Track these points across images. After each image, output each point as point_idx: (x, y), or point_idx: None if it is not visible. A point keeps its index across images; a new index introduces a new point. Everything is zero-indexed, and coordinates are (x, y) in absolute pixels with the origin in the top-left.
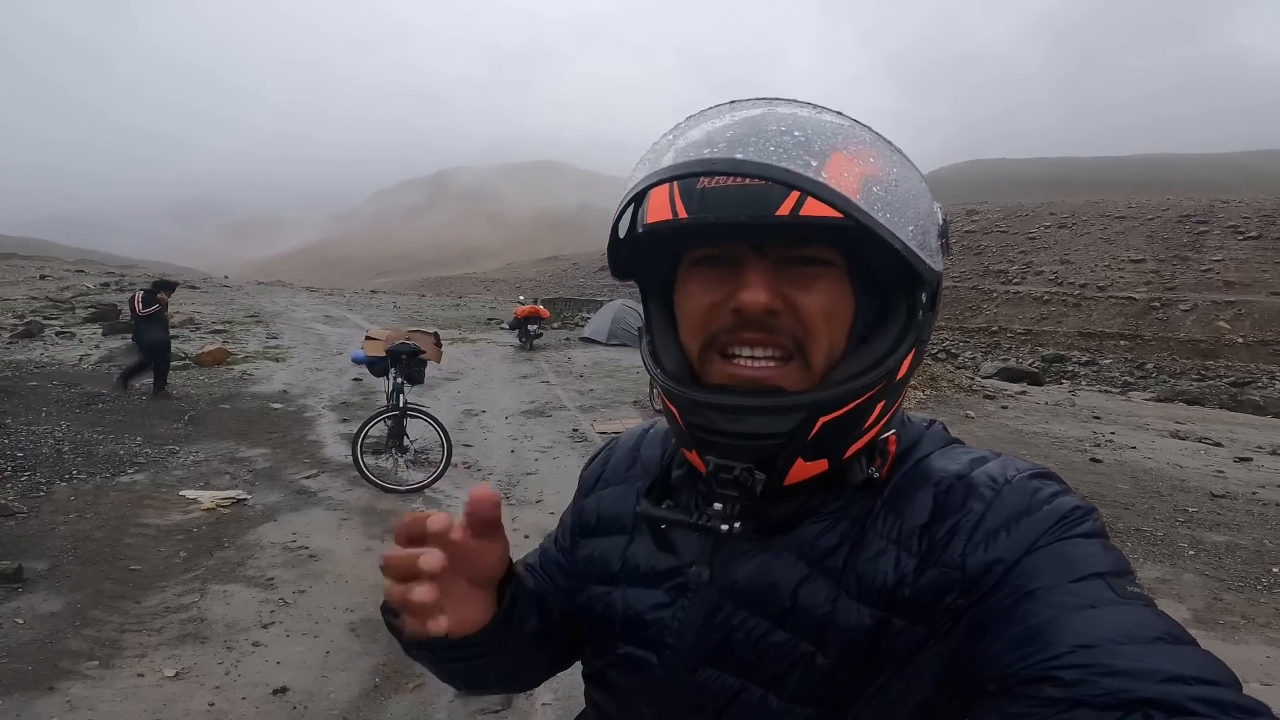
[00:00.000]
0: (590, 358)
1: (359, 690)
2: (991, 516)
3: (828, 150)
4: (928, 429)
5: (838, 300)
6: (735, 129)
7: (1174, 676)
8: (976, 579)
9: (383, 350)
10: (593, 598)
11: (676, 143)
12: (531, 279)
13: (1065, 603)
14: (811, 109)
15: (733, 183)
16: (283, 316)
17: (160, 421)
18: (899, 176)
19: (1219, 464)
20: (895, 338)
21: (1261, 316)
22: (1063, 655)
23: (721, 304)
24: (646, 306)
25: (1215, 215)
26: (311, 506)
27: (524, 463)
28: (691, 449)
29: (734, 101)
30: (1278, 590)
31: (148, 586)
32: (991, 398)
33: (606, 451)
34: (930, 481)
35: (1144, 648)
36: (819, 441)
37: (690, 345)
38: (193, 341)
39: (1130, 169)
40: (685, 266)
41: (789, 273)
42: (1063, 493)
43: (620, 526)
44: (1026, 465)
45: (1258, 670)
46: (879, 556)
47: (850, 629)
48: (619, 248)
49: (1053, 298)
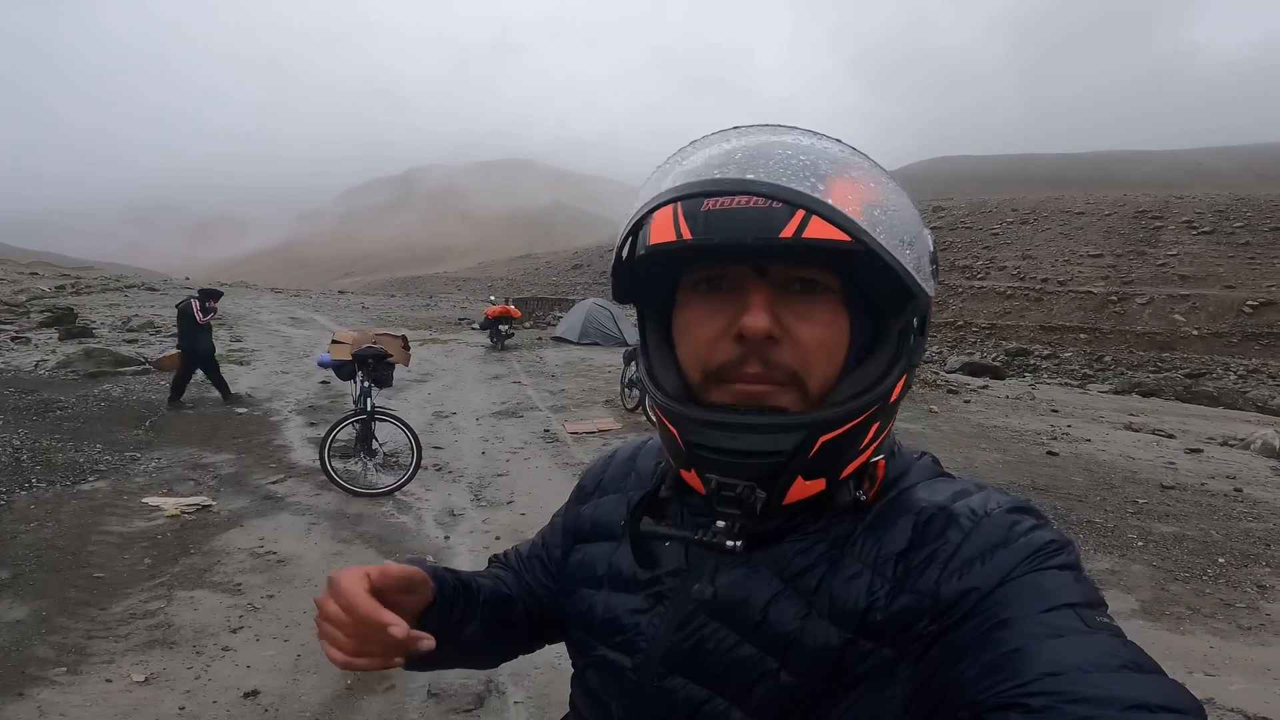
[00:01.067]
0: (562, 357)
1: (331, 692)
2: (968, 547)
3: (832, 174)
4: (917, 460)
5: (834, 327)
6: (742, 152)
7: (1138, 704)
8: (950, 607)
9: (349, 354)
10: (579, 599)
11: (681, 165)
12: (503, 278)
13: (1035, 632)
14: (814, 136)
15: (736, 205)
16: (246, 318)
17: (120, 428)
18: (897, 203)
19: (1170, 455)
20: (889, 361)
21: (1215, 310)
22: (1030, 683)
23: (723, 334)
24: (643, 328)
25: (1170, 211)
26: (279, 511)
27: (495, 464)
28: (690, 468)
29: (738, 127)
30: (1223, 581)
31: (113, 593)
32: (955, 392)
33: (605, 460)
34: (912, 510)
35: (1109, 675)
36: (818, 461)
37: (692, 370)
38: (152, 345)
39: (1089, 166)
40: (685, 289)
41: (789, 300)
42: (1040, 526)
43: (611, 533)
44: (1007, 499)
45: (1201, 661)
46: (853, 579)
47: (817, 648)
48: (621, 270)
49: (1015, 292)
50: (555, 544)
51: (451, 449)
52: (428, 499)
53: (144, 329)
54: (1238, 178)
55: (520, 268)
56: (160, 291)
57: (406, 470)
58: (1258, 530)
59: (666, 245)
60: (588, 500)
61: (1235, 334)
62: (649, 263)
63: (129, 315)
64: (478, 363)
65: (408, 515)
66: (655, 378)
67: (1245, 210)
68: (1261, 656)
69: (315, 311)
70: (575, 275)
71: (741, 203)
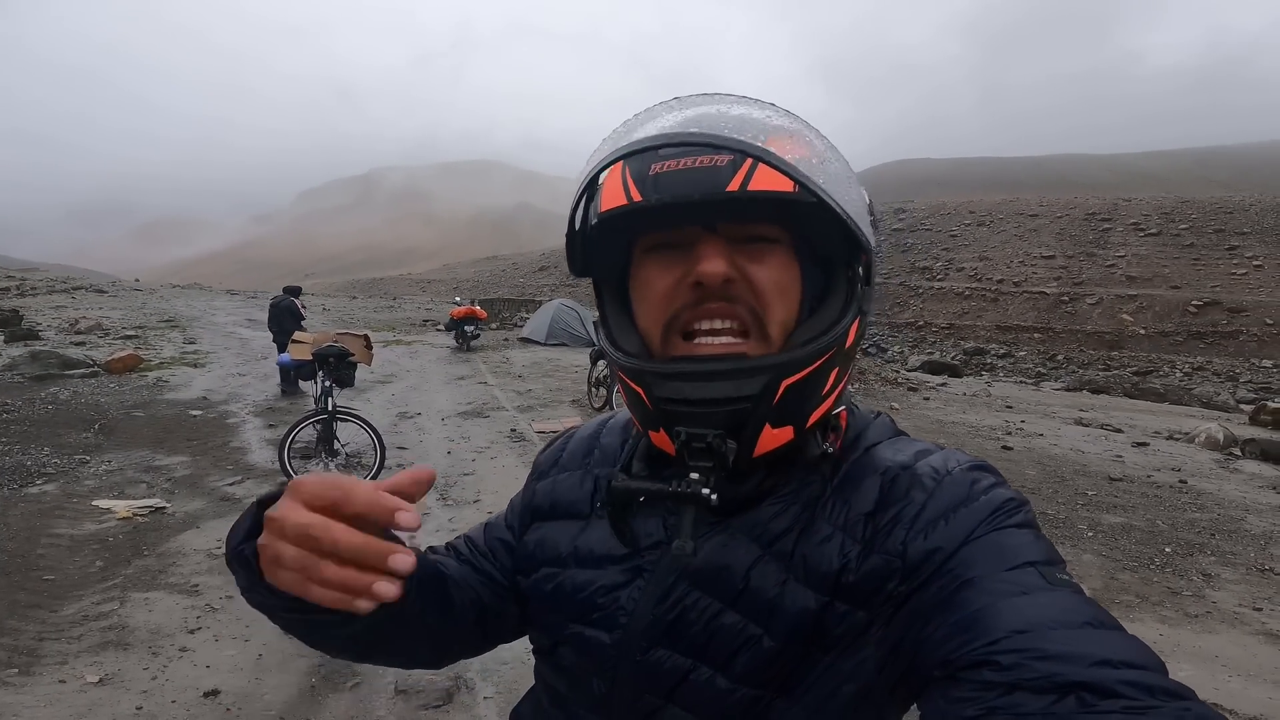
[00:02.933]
0: (529, 358)
1: (295, 691)
2: (932, 506)
3: (772, 132)
4: (875, 419)
5: (787, 274)
6: (687, 116)
7: (1102, 660)
8: (916, 567)
9: (309, 354)
10: (541, 579)
11: (629, 135)
12: (469, 279)
13: (1000, 590)
14: (752, 102)
15: (683, 166)
16: (201, 320)
17: (68, 431)
18: (833, 157)
19: (1118, 449)
20: (841, 307)
21: (1161, 309)
22: (999, 640)
23: (680, 282)
24: (601, 298)
25: (1118, 214)
26: (237, 513)
27: (461, 463)
28: (659, 428)
29: (678, 97)
30: (1169, 570)
31: (64, 596)
32: (915, 390)
33: (565, 437)
34: (877, 470)
35: (1074, 632)
36: (783, 406)
37: (651, 329)
38: (101, 348)
39: (1042, 169)
40: (639, 255)
41: (742, 250)
42: (998, 484)
43: (575, 511)
44: (966, 458)
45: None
46: (825, 542)
47: (796, 613)
48: (575, 242)
49: (973, 293)
50: (514, 524)
51: (417, 449)
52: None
53: (92, 331)
54: (1182, 180)
55: (487, 269)
56: (109, 294)
57: (370, 470)
58: (1202, 520)
59: (617, 210)
60: (545, 477)
61: (1180, 333)
62: (602, 231)
63: (76, 317)
64: (443, 364)
65: None
66: (616, 343)
67: (1190, 212)
68: (1209, 644)
69: None
70: (542, 277)
71: (687, 164)
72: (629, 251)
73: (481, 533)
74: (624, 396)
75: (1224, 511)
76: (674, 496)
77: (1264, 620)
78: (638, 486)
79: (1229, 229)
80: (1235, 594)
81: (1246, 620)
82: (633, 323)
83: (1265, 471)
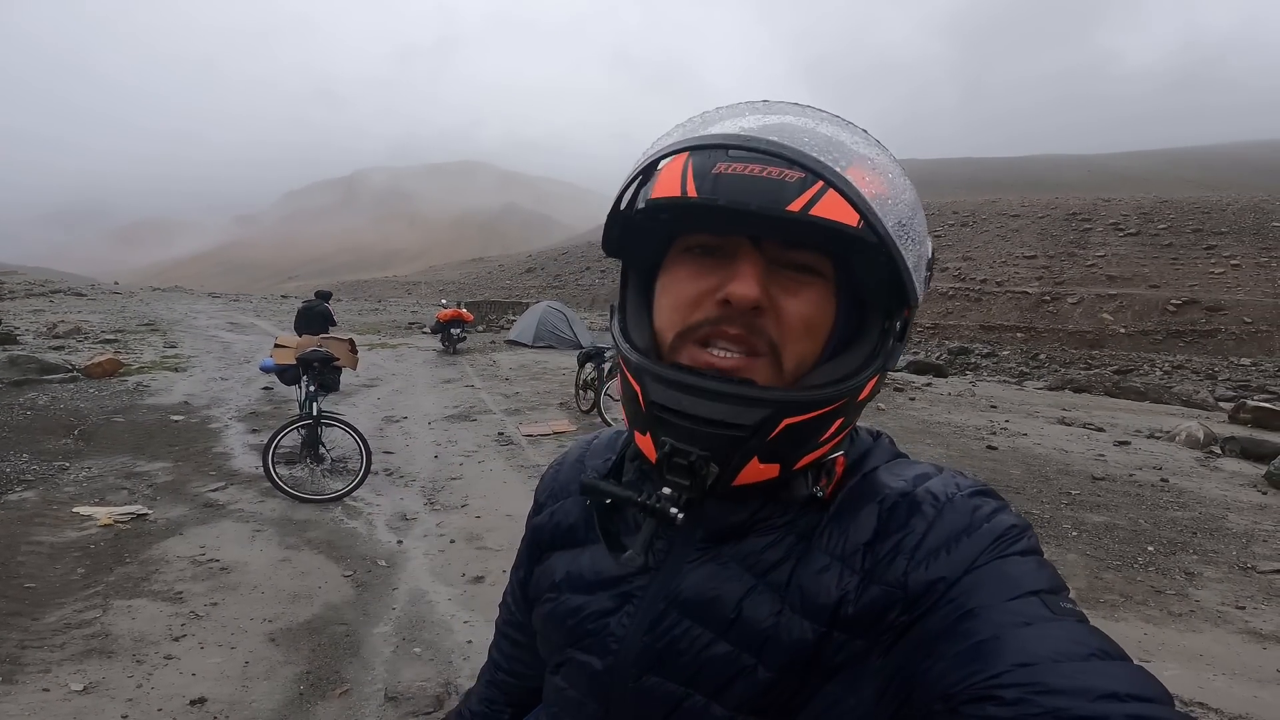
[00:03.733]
0: (516, 360)
1: (283, 698)
2: (933, 535)
3: (855, 158)
4: (875, 441)
5: (821, 311)
6: (769, 122)
7: (1109, 694)
8: (919, 597)
9: (293, 358)
10: (542, 603)
11: (706, 127)
12: (455, 281)
13: (1003, 621)
14: (841, 123)
15: (749, 172)
16: (182, 324)
17: (47, 437)
18: (910, 201)
19: (1100, 448)
20: (865, 358)
21: (1141, 308)
22: (1003, 674)
23: (710, 294)
24: (625, 285)
25: (1098, 214)
26: (221, 519)
27: (448, 468)
28: (646, 431)
29: (766, 101)
30: (1153, 569)
31: (45, 604)
32: (900, 390)
33: (555, 468)
34: (875, 498)
35: (1079, 665)
36: (778, 443)
37: (666, 330)
38: (80, 352)
39: (1024, 169)
40: (677, 251)
41: (780, 276)
42: (1001, 510)
43: (574, 539)
44: (968, 482)
45: (1136, 648)
46: (823, 572)
47: (792, 643)
48: (615, 221)
49: (957, 293)
50: (521, 574)
51: (403, 453)
52: (379, 504)
53: (71, 335)
54: (1159, 181)
55: (473, 271)
56: (88, 297)
57: (355, 475)
58: (1184, 519)
59: (669, 200)
60: (543, 509)
61: (1160, 332)
62: (646, 217)
63: (55, 321)
64: (429, 367)
65: (358, 520)
66: (628, 333)
67: (1168, 212)
68: (1193, 643)
69: (256, 317)
70: (529, 278)
71: (755, 171)
72: (667, 244)
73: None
74: (620, 389)
75: (1205, 510)
76: (639, 507)
77: (1247, 619)
78: (605, 487)
79: (1206, 228)
80: (1218, 592)
81: (1230, 619)
82: (649, 316)
83: (1245, 469)
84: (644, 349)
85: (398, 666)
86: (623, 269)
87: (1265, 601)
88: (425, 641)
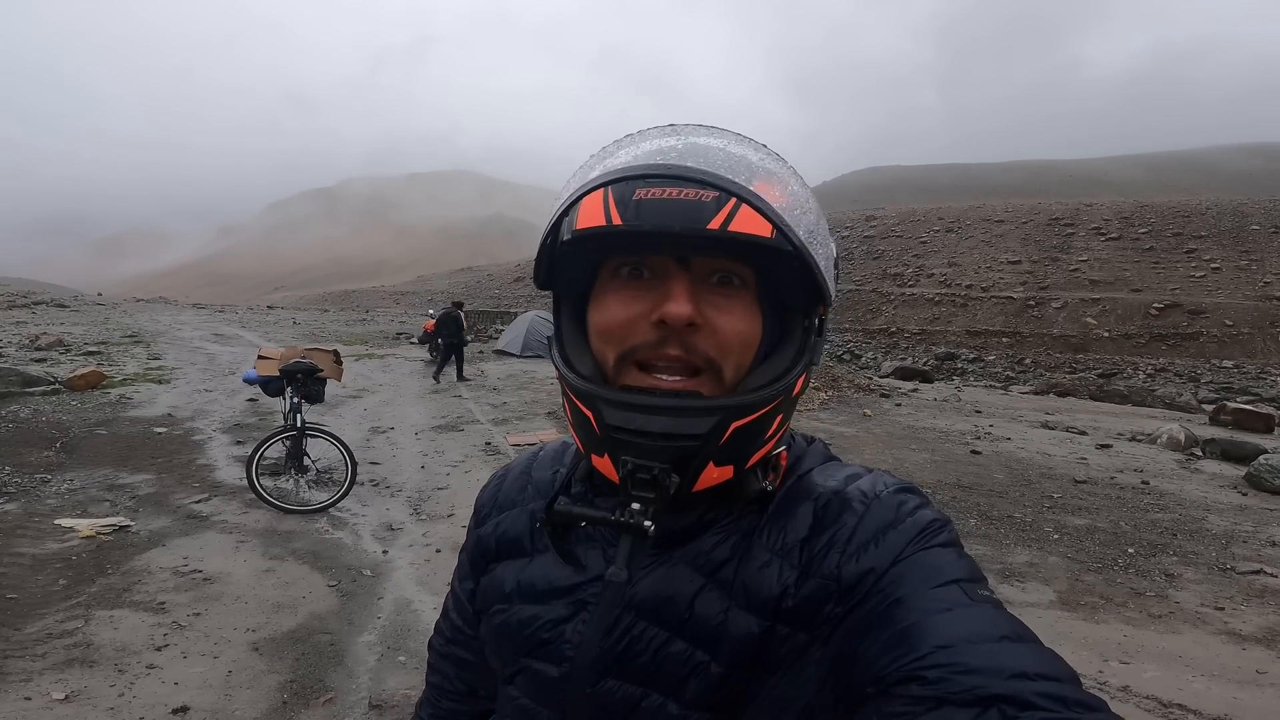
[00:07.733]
0: (504, 370)
1: (266, 707)
2: (863, 529)
3: (761, 174)
4: (809, 446)
5: (750, 321)
6: (680, 146)
7: (1019, 673)
8: (851, 588)
9: (276, 370)
10: (492, 615)
11: (616, 155)
12: (444, 291)
13: (926, 607)
14: (744, 140)
15: (667, 195)
16: (166, 335)
17: (29, 449)
18: (813, 208)
19: (1083, 451)
20: (793, 357)
21: (1124, 312)
22: (925, 656)
23: (644, 316)
24: (558, 315)
25: (1080, 218)
26: (204, 530)
27: (435, 478)
28: (604, 454)
29: (673, 125)
30: (1133, 571)
31: (26, 614)
32: (887, 396)
33: (499, 478)
34: (810, 496)
35: (992, 645)
36: (729, 446)
37: (606, 355)
38: (63, 364)
39: (1007, 174)
40: (605, 276)
41: (708, 292)
42: (924, 505)
43: (519, 549)
44: (894, 480)
45: (1116, 649)
46: (764, 568)
47: (740, 638)
48: (543, 255)
49: (943, 299)
50: (469, 586)
51: (389, 464)
52: (365, 514)
53: (53, 347)
54: (1136, 187)
55: (461, 281)
56: (71, 308)
57: (341, 486)
58: (1164, 521)
59: (595, 230)
60: (487, 520)
61: (1143, 335)
62: (573, 248)
63: (37, 333)
64: (416, 377)
65: (344, 531)
66: (570, 362)
67: (1149, 216)
68: (1172, 644)
69: (241, 328)
70: (518, 288)
71: (672, 194)
72: (595, 270)
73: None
74: (569, 416)
75: (1185, 512)
76: (615, 525)
77: (1226, 620)
78: (579, 512)
79: (1187, 232)
80: (1198, 594)
81: (1209, 620)
82: (587, 342)
83: (1225, 471)
84: (589, 375)
85: (382, 675)
86: (555, 300)
87: (1244, 602)
88: (410, 650)
